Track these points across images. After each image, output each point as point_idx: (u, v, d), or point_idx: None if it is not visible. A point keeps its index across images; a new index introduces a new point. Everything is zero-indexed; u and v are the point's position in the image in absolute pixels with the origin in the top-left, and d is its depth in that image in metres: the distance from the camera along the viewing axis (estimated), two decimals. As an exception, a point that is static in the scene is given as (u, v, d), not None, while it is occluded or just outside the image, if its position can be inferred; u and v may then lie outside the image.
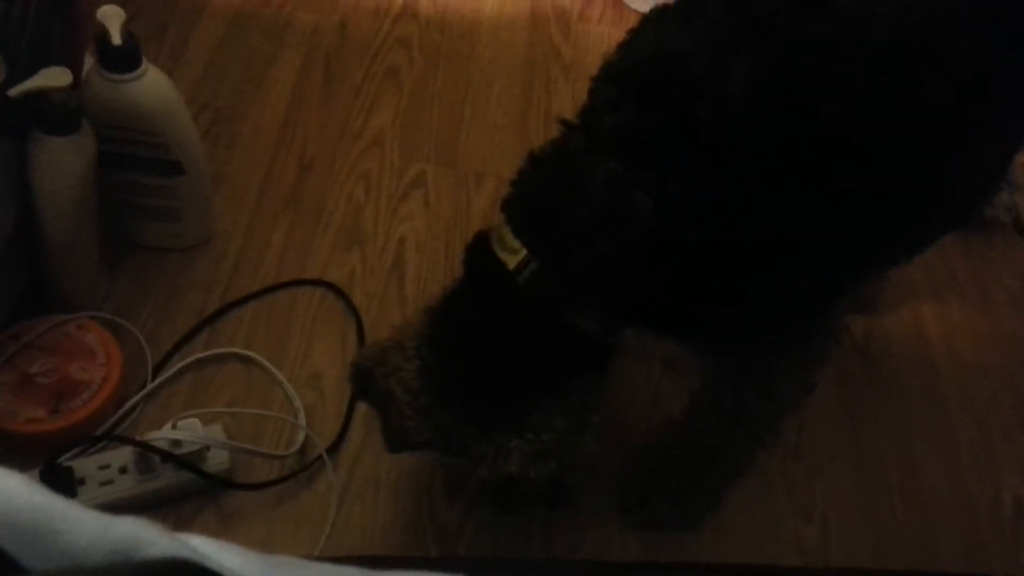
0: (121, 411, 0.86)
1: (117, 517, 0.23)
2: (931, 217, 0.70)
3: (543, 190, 0.65)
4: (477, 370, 0.67)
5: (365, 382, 0.71)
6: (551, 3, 1.37)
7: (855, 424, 0.96)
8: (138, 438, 0.80)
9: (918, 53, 0.60)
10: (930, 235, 0.73)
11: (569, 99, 1.22)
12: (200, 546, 0.23)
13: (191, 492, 0.81)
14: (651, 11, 0.67)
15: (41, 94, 0.75)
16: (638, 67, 0.63)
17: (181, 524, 0.80)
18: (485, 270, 0.66)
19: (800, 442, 0.93)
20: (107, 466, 0.80)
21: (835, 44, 0.59)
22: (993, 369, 1.02)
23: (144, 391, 0.87)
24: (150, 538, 0.22)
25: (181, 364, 0.90)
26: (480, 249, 0.67)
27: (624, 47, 0.66)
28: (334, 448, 0.87)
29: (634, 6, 1.39)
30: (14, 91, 0.74)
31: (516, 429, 0.66)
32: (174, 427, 0.80)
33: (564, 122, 0.66)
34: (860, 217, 0.63)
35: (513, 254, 0.64)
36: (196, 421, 0.82)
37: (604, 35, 1.33)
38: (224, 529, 0.80)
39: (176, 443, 0.79)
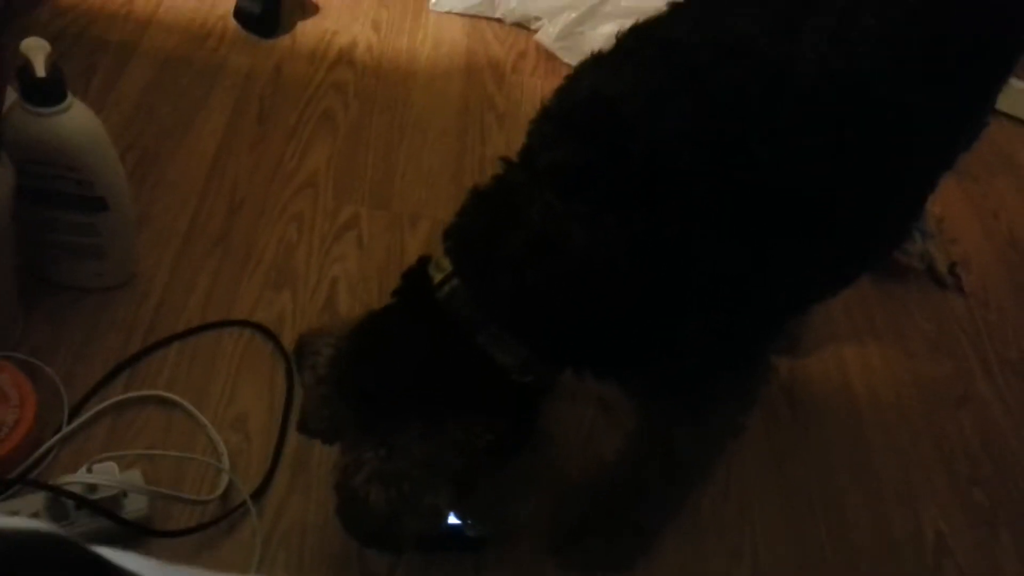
0: (35, 455, 0.82)
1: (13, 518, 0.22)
2: (857, 253, 0.72)
3: (481, 218, 0.65)
4: (372, 373, 0.66)
5: (298, 359, 0.72)
6: (485, 54, 1.40)
7: (782, 464, 0.97)
8: (51, 483, 0.77)
9: (839, 99, 0.63)
10: (855, 271, 0.76)
11: (503, 147, 1.24)
12: (104, 554, 0.22)
13: (107, 540, 0.76)
14: (587, 58, 0.68)
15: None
16: (575, 108, 0.65)
17: (94, 573, 0.76)
18: (412, 284, 0.67)
19: (729, 482, 0.94)
20: (17, 512, 0.76)
21: (762, 89, 0.61)
22: (911, 409, 1.05)
23: (59, 434, 0.84)
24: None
25: (99, 407, 0.87)
26: (417, 268, 0.67)
27: (561, 90, 0.68)
28: (259, 493, 0.84)
29: (567, 60, 1.42)
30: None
31: (381, 444, 0.64)
32: (89, 471, 0.77)
33: (505, 160, 0.67)
34: (790, 256, 0.65)
35: (441, 272, 0.65)
36: (113, 465, 0.78)
37: (537, 86, 1.36)
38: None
39: (91, 488, 0.76)
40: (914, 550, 0.92)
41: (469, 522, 0.75)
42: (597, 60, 0.67)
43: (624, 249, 0.60)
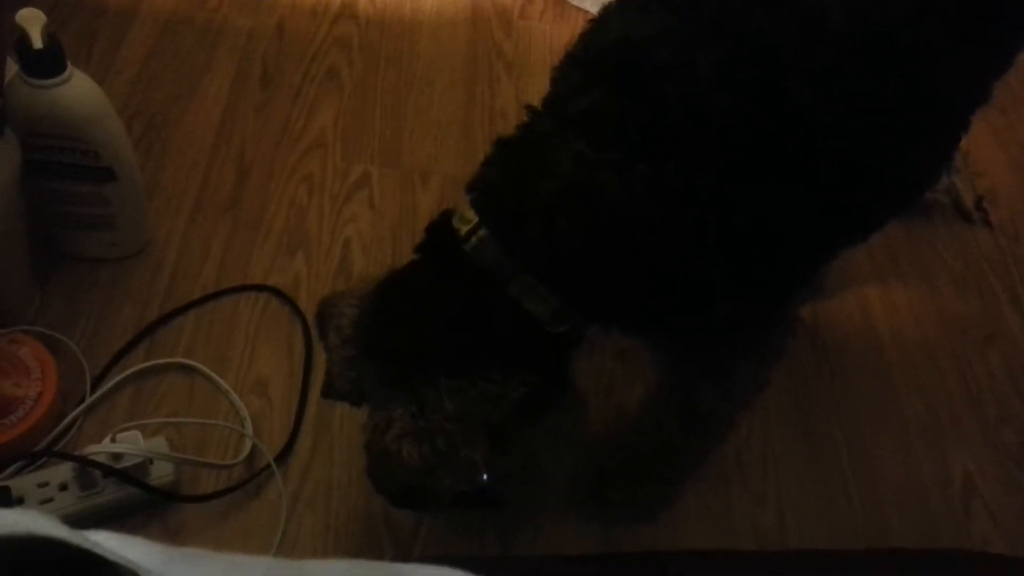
0: (59, 427, 0.83)
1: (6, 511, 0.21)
2: (888, 199, 0.70)
3: (508, 168, 0.64)
4: (400, 329, 0.64)
5: (320, 324, 0.71)
6: (491, 1, 1.36)
7: (806, 409, 0.96)
8: (78, 453, 0.78)
9: (871, 44, 0.61)
10: (886, 216, 0.74)
11: (512, 95, 1.21)
12: (103, 541, 0.22)
13: (135, 507, 0.79)
14: (612, 1, 0.66)
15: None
16: (604, 52, 0.63)
17: (124, 541, 0.78)
18: (437, 238, 0.65)
19: (752, 429, 0.93)
20: (46, 484, 0.77)
21: (795, 34, 0.60)
22: (938, 349, 1.04)
23: (82, 405, 0.85)
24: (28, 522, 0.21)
25: (120, 376, 0.87)
26: (440, 222, 0.66)
27: (587, 35, 0.66)
28: (283, 456, 0.85)
29: (575, 3, 1.39)
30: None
31: (411, 400, 0.62)
32: (113, 440, 0.78)
33: (529, 107, 0.65)
34: (825, 201, 0.63)
35: (466, 224, 0.63)
36: (137, 433, 0.79)
37: (546, 32, 1.33)
38: (170, 544, 0.78)
39: (117, 456, 0.77)
40: (942, 492, 0.91)
41: (501, 484, 0.74)
42: (624, 3, 0.65)
43: (657, 197, 0.59)
